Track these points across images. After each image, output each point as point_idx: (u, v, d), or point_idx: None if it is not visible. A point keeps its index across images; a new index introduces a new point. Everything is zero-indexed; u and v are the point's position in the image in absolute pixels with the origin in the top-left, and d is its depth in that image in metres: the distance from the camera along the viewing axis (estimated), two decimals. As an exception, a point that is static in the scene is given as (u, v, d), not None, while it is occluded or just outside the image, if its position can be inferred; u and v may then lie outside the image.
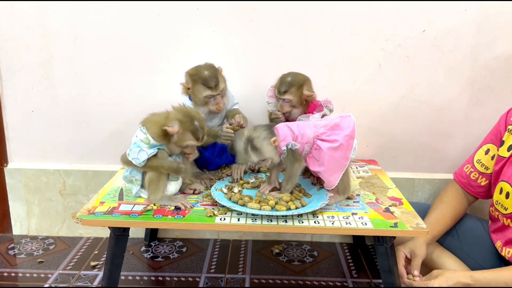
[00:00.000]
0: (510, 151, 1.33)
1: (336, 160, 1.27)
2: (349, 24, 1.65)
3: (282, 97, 1.48)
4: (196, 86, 1.43)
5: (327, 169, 1.27)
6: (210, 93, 1.42)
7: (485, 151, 1.45)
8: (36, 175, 1.83)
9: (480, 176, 1.45)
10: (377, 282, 1.59)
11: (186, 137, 1.28)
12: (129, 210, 1.27)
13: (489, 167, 1.42)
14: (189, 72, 1.46)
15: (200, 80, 1.42)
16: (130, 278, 1.60)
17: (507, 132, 1.38)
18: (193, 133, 1.27)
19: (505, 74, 1.67)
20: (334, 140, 1.26)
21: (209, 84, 1.41)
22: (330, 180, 1.29)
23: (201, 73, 1.42)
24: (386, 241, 1.22)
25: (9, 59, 1.72)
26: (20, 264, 1.67)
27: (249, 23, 1.66)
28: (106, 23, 1.67)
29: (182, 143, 1.29)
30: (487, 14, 1.62)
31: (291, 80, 1.47)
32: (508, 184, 1.31)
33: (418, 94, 1.71)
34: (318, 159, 1.27)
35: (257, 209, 1.23)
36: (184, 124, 1.27)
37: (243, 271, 1.64)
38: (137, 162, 1.26)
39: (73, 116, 1.77)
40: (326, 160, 1.25)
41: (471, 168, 1.47)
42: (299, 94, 1.47)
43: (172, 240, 1.87)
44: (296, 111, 1.51)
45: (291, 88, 1.46)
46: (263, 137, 1.25)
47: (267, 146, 1.25)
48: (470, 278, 1.21)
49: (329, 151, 1.25)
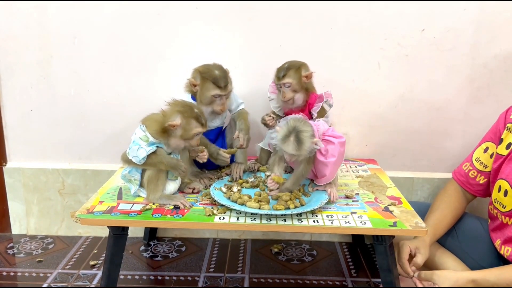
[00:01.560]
0: (509, 149, 1.34)
1: (341, 155, 1.32)
2: (349, 23, 1.65)
3: (282, 82, 1.47)
4: (205, 84, 1.42)
5: (337, 161, 1.31)
6: (218, 93, 1.42)
7: (484, 149, 1.45)
8: (35, 175, 1.83)
9: (479, 175, 1.45)
10: (376, 281, 1.59)
11: (191, 125, 1.27)
12: (128, 209, 1.27)
13: (488, 165, 1.43)
14: (199, 69, 1.45)
15: (211, 78, 1.42)
16: (129, 277, 1.60)
17: (506, 130, 1.38)
18: (197, 119, 1.28)
19: (504, 72, 1.67)
20: (339, 135, 1.32)
21: (219, 84, 1.41)
22: (331, 172, 1.32)
23: (212, 72, 1.42)
24: (385, 240, 1.22)
25: (8, 58, 1.72)
26: (19, 264, 1.67)
27: (248, 22, 1.66)
28: (105, 22, 1.67)
29: (189, 133, 1.28)
30: (486, 13, 1.62)
31: (289, 65, 1.48)
32: (506, 182, 1.31)
33: (417, 93, 1.71)
34: (324, 153, 1.29)
35: (256, 208, 1.23)
36: (186, 113, 1.27)
37: (242, 271, 1.64)
38: (136, 160, 1.26)
39: (72, 115, 1.77)
40: (337, 152, 1.29)
41: (470, 167, 1.47)
42: (298, 76, 1.47)
43: (171, 239, 1.86)
44: (298, 96, 1.49)
45: (289, 71, 1.46)
46: (309, 135, 1.23)
47: (309, 144, 1.23)
48: (472, 283, 1.20)
49: (339, 145, 1.30)
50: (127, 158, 1.29)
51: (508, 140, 1.36)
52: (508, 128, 1.38)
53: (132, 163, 1.28)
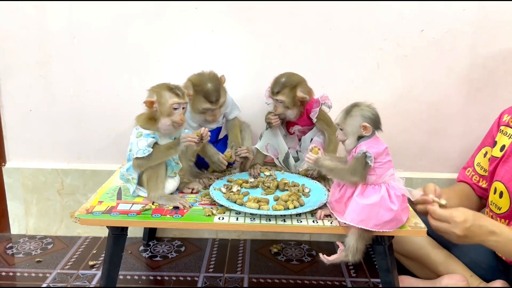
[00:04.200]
0: (503, 151, 1.35)
1: (371, 216, 1.12)
2: (348, 24, 1.65)
3: (275, 98, 1.46)
4: (197, 96, 1.43)
5: (365, 215, 1.12)
6: (209, 107, 1.43)
7: (484, 154, 1.48)
8: (34, 175, 1.83)
9: (481, 179, 1.48)
10: (375, 281, 1.59)
11: (165, 97, 1.26)
12: (127, 209, 1.27)
13: (487, 170, 1.44)
14: (192, 80, 1.45)
15: (202, 92, 1.42)
16: (128, 277, 1.59)
17: (499, 133, 1.40)
18: (170, 90, 1.27)
19: (503, 73, 1.68)
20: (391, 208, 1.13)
21: (210, 99, 1.42)
22: (357, 215, 1.12)
23: (204, 85, 1.42)
24: (385, 240, 1.22)
25: (7, 58, 1.72)
26: (18, 264, 1.67)
27: (248, 22, 1.66)
28: (104, 22, 1.67)
29: (167, 106, 1.26)
30: (485, 14, 1.62)
31: (285, 81, 1.45)
32: (501, 183, 1.32)
33: (416, 93, 1.72)
34: (364, 195, 1.14)
35: (255, 208, 1.23)
36: (158, 88, 1.28)
37: (241, 271, 1.64)
38: (142, 153, 1.25)
39: (71, 115, 1.77)
40: (372, 214, 1.12)
41: (472, 172, 1.51)
42: (292, 95, 1.45)
43: (171, 239, 1.86)
44: (290, 112, 1.48)
45: (284, 89, 1.44)
46: (362, 115, 1.12)
47: (356, 123, 1.13)
48: (498, 227, 1.15)
49: (384, 212, 1.12)
50: (137, 161, 1.28)
51: (502, 142, 1.37)
52: (501, 130, 1.40)
53: (144, 161, 1.27)
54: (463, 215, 1.14)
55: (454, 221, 1.13)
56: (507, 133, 1.38)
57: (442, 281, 1.36)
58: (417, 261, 1.49)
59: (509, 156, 1.33)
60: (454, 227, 1.14)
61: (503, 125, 1.41)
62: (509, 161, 1.33)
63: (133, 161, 1.29)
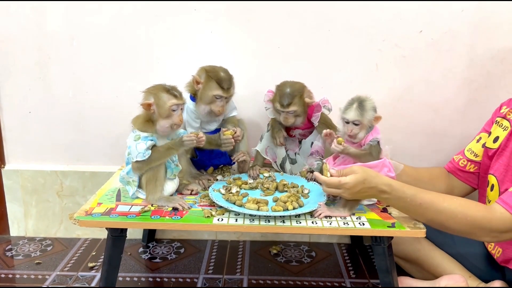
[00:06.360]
0: (496, 143, 1.36)
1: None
2: (346, 25, 1.65)
3: (286, 110, 1.43)
4: (209, 82, 1.44)
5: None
6: (220, 94, 1.43)
7: (477, 140, 1.48)
8: (33, 176, 1.82)
9: (469, 163, 1.48)
10: (374, 282, 1.59)
11: (164, 98, 1.26)
12: (126, 211, 1.27)
13: (479, 155, 1.45)
14: (205, 67, 1.47)
15: (216, 78, 1.43)
16: (127, 279, 1.59)
17: (494, 124, 1.41)
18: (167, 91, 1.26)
19: (502, 73, 1.68)
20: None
21: (223, 85, 1.43)
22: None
23: (218, 73, 1.44)
24: (384, 241, 1.22)
25: (5, 60, 1.71)
26: (18, 266, 1.67)
27: (247, 23, 1.66)
28: (103, 23, 1.67)
29: (165, 107, 1.25)
30: (484, 14, 1.62)
31: (291, 91, 1.43)
32: (494, 176, 1.33)
33: (415, 94, 1.72)
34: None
35: (254, 209, 1.23)
36: (155, 90, 1.27)
37: (241, 272, 1.64)
38: (142, 156, 1.25)
39: (70, 117, 1.77)
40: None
41: (461, 156, 1.52)
42: (302, 103, 1.44)
43: (170, 241, 1.86)
44: (300, 119, 1.48)
45: (294, 99, 1.42)
46: (371, 105, 1.29)
47: (371, 116, 1.28)
48: (388, 186, 1.17)
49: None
50: (136, 164, 1.28)
51: (496, 133, 1.38)
52: (497, 121, 1.41)
53: (144, 164, 1.27)
54: (352, 181, 1.16)
55: (344, 187, 1.17)
56: (503, 125, 1.38)
57: (442, 281, 1.36)
58: (415, 263, 1.49)
59: (503, 150, 1.33)
60: (344, 192, 1.19)
61: (499, 117, 1.42)
62: (503, 155, 1.33)
63: (132, 164, 1.29)
